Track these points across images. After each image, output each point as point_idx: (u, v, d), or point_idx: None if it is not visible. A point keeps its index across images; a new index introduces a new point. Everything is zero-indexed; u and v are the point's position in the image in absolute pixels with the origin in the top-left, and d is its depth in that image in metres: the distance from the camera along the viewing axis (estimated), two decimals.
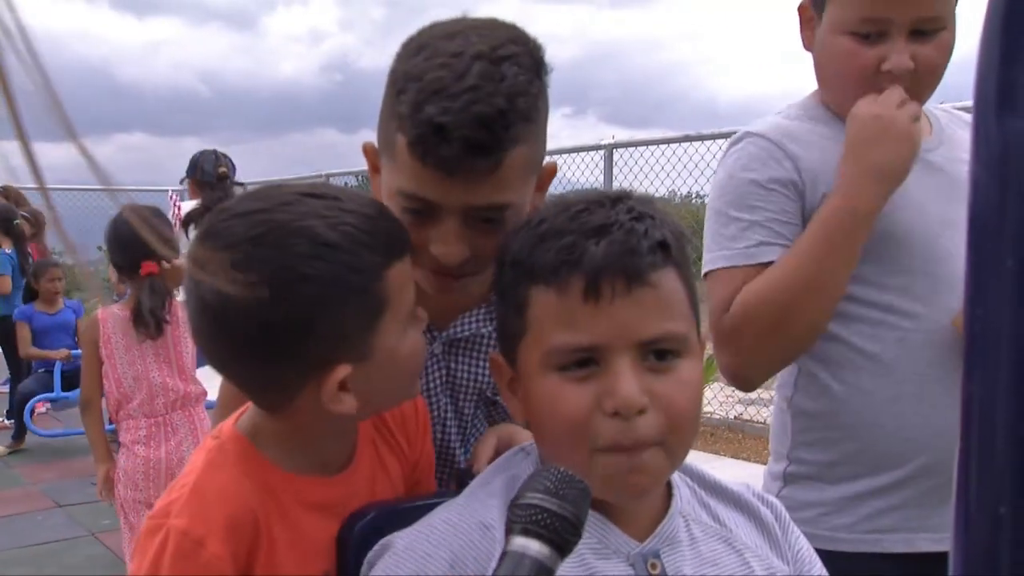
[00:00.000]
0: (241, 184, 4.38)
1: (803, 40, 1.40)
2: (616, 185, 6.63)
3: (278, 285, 0.86)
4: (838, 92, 1.37)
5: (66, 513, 4.88)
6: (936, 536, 1.32)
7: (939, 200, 1.32)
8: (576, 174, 7.19)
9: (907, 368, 1.31)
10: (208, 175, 4.26)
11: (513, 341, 0.91)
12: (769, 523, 0.98)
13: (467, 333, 1.19)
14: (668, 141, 6.60)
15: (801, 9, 1.39)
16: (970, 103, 0.45)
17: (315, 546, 0.97)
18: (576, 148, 7.22)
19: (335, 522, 0.99)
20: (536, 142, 1.03)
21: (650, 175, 6.58)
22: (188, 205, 4.26)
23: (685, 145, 6.43)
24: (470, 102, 0.93)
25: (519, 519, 0.69)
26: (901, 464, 1.32)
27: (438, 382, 1.19)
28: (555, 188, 1.14)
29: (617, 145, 6.82)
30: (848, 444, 1.35)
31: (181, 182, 4.47)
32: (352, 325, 0.90)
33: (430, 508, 0.92)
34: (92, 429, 3.12)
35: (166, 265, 2.99)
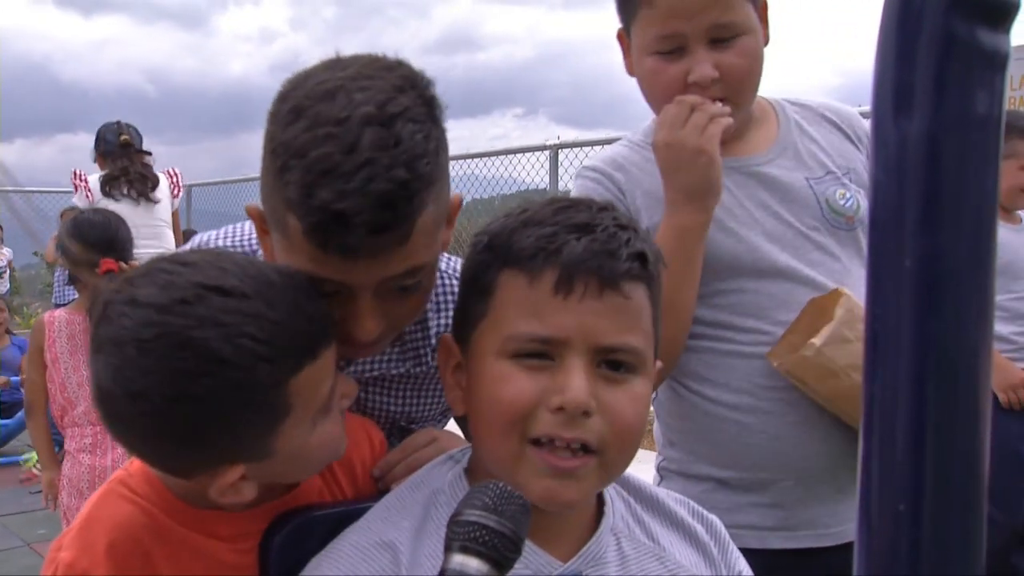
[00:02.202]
0: (148, 152, 4.32)
1: (626, 67, 1.41)
2: (562, 185, 6.64)
3: (161, 400, 0.80)
4: (658, 112, 1.37)
5: (0, 523, 4.74)
6: (788, 535, 1.35)
7: (770, 214, 1.34)
8: (522, 174, 7.21)
9: (742, 379, 1.33)
10: (111, 144, 4.22)
11: (470, 323, 0.90)
12: (705, 543, 0.98)
13: (376, 373, 1.15)
14: (613, 141, 6.61)
15: (619, 37, 1.41)
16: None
17: (230, 569, 0.95)
18: (522, 148, 7.22)
19: (254, 546, 0.97)
20: (441, 196, 0.93)
21: None
22: (95, 178, 4.23)
23: None
24: (367, 180, 0.82)
25: (458, 536, 0.68)
26: (747, 468, 1.35)
27: (351, 410, 1.15)
28: (503, 188, 1.12)
29: (562, 145, 6.84)
30: (700, 445, 1.39)
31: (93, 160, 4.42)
32: (246, 434, 0.85)
33: (351, 515, 0.91)
34: (37, 434, 3.05)
35: (124, 266, 2.93)
